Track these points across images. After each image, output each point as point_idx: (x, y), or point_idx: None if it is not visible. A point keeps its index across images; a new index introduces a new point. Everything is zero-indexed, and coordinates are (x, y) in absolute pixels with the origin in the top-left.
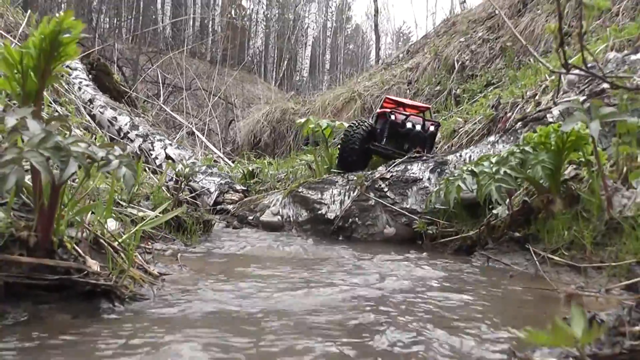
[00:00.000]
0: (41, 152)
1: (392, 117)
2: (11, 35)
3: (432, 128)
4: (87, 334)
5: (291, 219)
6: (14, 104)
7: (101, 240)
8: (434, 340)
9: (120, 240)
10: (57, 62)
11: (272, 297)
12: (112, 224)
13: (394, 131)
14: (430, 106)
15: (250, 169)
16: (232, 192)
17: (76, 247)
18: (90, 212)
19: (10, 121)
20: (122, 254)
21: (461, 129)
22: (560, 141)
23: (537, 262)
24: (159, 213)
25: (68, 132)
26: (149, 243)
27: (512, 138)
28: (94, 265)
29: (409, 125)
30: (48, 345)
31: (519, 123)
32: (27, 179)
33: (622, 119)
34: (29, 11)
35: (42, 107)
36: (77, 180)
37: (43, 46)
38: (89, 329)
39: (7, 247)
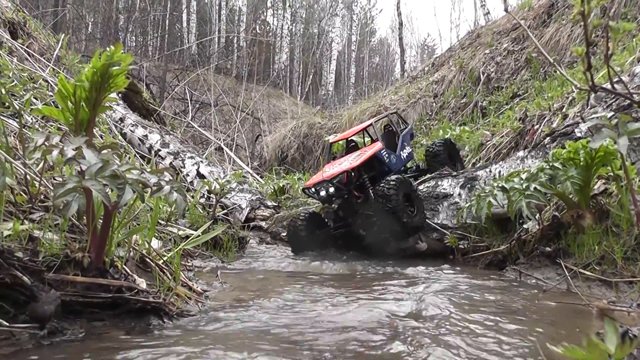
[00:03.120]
0: (99, 180)
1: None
2: (45, 58)
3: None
4: (142, 350)
5: None
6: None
7: (147, 260)
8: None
9: (165, 258)
10: (107, 92)
11: (320, 312)
12: (154, 243)
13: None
14: (369, 123)
15: (281, 184)
16: (263, 208)
17: (125, 267)
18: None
19: (69, 152)
20: (167, 272)
21: (489, 142)
22: (588, 157)
23: (568, 277)
24: (200, 233)
25: (119, 159)
26: (188, 260)
27: (540, 153)
28: (142, 283)
29: (322, 192)
30: None
31: (547, 138)
32: None
33: None
34: (62, 35)
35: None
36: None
37: (95, 79)
38: (143, 345)
39: (63, 267)
